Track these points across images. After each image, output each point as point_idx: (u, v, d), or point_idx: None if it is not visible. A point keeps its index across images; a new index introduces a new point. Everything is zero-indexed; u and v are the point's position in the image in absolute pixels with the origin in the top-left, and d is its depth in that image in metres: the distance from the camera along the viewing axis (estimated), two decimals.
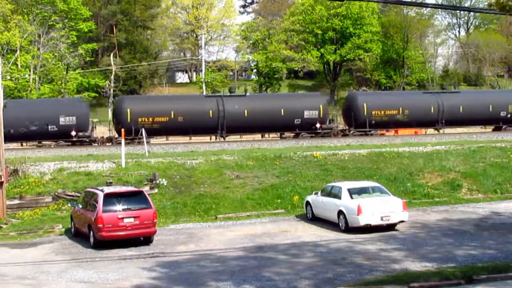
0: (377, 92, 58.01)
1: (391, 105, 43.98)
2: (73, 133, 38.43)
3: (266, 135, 44.22)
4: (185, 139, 42.49)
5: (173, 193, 25.77)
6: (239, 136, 42.59)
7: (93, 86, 64.61)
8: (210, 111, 40.33)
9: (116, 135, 39.53)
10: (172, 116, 39.47)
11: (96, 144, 38.67)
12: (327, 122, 43.26)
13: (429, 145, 33.70)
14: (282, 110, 41.23)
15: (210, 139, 41.94)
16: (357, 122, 43.09)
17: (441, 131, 45.29)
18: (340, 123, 47.08)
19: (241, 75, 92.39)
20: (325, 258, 17.07)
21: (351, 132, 43.02)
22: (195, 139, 42.31)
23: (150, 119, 39.34)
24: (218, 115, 40.37)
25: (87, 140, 38.90)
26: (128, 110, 39.07)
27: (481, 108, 45.42)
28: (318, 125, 41.76)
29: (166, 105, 40.54)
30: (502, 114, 46.14)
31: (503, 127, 46.16)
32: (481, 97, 48.00)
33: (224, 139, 40.60)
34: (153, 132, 39.44)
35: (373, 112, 43.15)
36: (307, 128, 42.03)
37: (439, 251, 17.50)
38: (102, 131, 46.59)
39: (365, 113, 42.85)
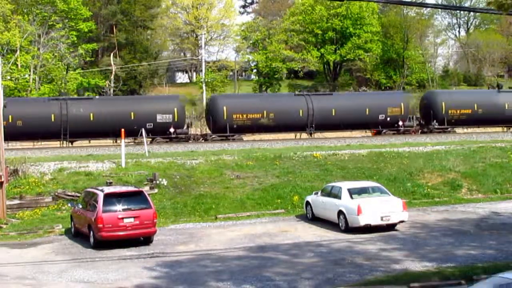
0: (240, 94, 53.74)
1: (255, 108, 40.86)
2: None
3: (119, 141, 41.23)
4: (28, 144, 39.53)
5: (173, 193, 25.76)
6: (87, 141, 40.09)
7: (93, 86, 64.55)
8: (52, 115, 38.00)
9: None
10: (10, 120, 36.79)
11: None
12: (184, 127, 40.91)
13: (429, 145, 33.71)
14: (132, 113, 39.22)
15: (61, 144, 39.14)
16: (217, 127, 40.52)
17: (314, 135, 42.84)
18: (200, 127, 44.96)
19: (241, 75, 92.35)
20: (325, 258, 17.08)
21: (212, 137, 40.60)
22: (39, 144, 39.64)
23: None
24: (61, 119, 37.98)
25: None
26: None
27: (356, 111, 42.42)
28: (172, 130, 39.79)
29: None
30: (381, 117, 43.19)
31: (383, 131, 43.48)
32: (356, 99, 45.19)
33: (71, 144, 38.71)
34: None
35: (234, 116, 40.16)
36: (161, 132, 39.97)
37: (439, 251, 17.51)
38: None
39: (225, 117, 40.01)
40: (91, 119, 38.66)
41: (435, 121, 44.00)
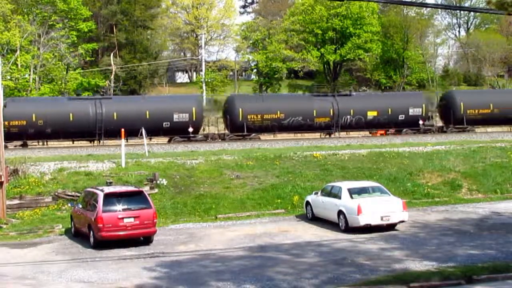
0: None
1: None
2: None
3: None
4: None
5: (173, 193, 25.77)
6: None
7: (93, 86, 64.53)
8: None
9: None
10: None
11: None
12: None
13: (429, 145, 33.69)
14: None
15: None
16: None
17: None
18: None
19: (241, 75, 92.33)
20: (326, 258, 17.08)
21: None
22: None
23: None
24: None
25: None
26: None
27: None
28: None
29: None
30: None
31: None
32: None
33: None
34: None
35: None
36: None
37: (439, 251, 17.51)
38: None
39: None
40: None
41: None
